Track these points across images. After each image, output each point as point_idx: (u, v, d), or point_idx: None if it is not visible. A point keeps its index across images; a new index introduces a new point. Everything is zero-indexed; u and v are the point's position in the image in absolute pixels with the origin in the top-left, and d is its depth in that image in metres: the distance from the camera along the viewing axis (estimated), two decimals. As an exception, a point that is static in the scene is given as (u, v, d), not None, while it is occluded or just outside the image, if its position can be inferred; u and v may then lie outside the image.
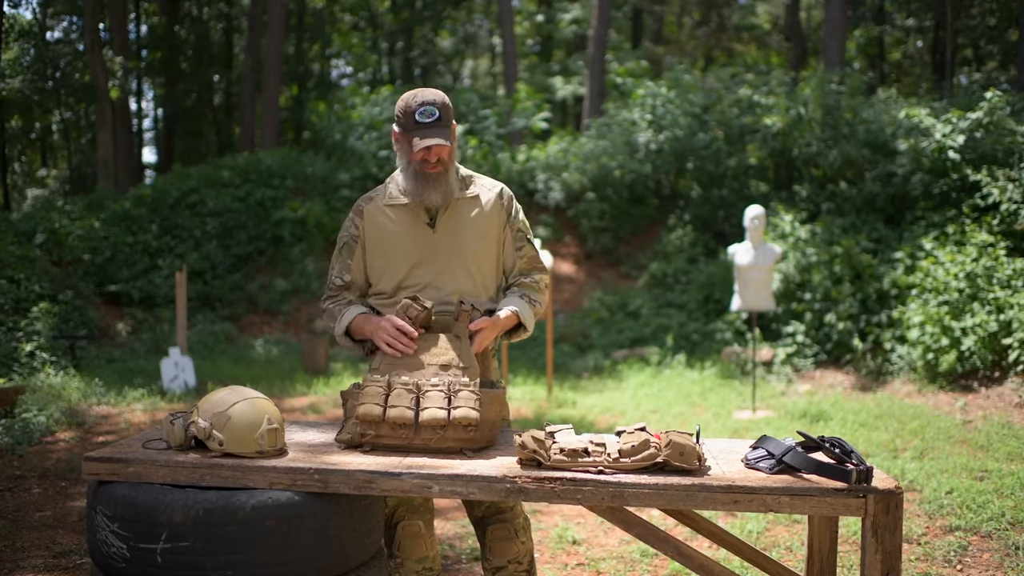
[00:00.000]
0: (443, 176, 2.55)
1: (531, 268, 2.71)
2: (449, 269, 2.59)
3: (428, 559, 2.61)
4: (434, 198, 2.54)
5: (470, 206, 2.63)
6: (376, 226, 2.64)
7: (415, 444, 2.32)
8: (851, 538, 3.92)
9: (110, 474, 2.25)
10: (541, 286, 2.70)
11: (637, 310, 11.09)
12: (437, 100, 2.52)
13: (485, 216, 2.63)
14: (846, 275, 9.21)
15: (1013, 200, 8.58)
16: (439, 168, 2.53)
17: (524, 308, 2.61)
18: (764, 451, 2.24)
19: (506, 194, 2.69)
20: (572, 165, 13.63)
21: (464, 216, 2.62)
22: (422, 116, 2.50)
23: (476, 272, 2.62)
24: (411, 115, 2.51)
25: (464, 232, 2.61)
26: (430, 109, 2.51)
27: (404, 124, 2.54)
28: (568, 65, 22.20)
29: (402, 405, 2.30)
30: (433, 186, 2.54)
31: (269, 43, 17.06)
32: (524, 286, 2.67)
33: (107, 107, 14.89)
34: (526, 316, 2.60)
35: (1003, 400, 6.94)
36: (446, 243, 2.59)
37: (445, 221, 2.61)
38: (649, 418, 6.85)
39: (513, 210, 2.68)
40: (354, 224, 2.67)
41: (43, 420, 6.14)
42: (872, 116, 11.05)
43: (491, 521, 2.64)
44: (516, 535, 2.64)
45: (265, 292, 12.17)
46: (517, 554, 2.64)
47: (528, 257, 2.70)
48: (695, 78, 14.23)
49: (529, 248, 2.70)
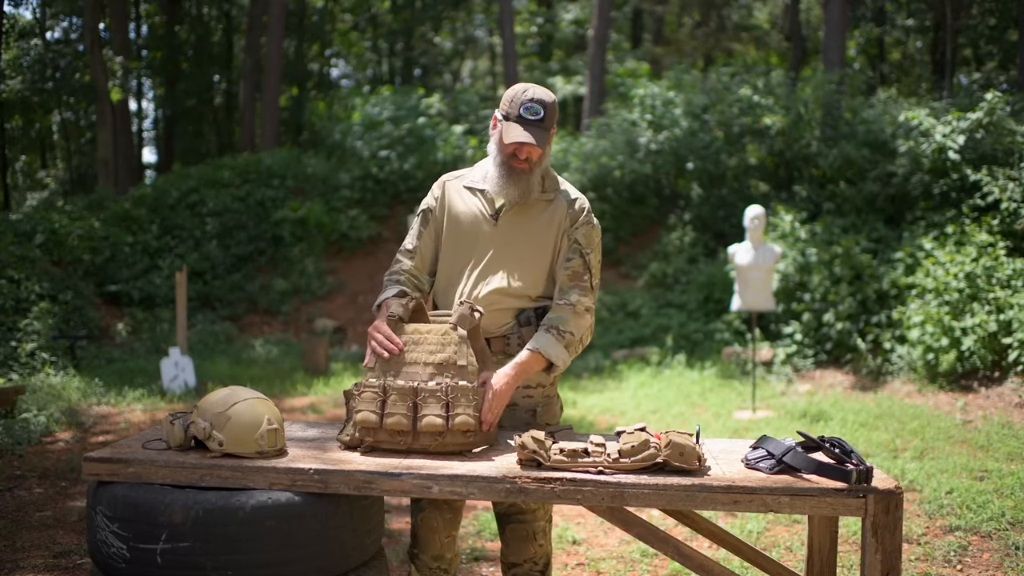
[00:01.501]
0: (527, 175, 2.52)
1: (572, 284, 2.54)
2: (495, 265, 2.56)
3: (444, 559, 2.59)
4: (512, 194, 2.52)
5: (539, 209, 2.59)
6: (451, 203, 2.64)
7: (414, 448, 2.31)
8: (851, 538, 3.92)
9: (110, 474, 2.25)
10: (578, 309, 2.50)
11: (637, 310, 11.09)
12: (546, 100, 2.49)
13: (548, 222, 2.58)
14: (846, 275, 9.21)
15: (1013, 200, 8.58)
16: (526, 166, 2.51)
17: (547, 343, 2.46)
18: (764, 451, 2.24)
19: (579, 204, 2.60)
20: (572, 165, 13.63)
21: (528, 217, 2.58)
22: (527, 112, 2.46)
23: (524, 274, 2.56)
24: (516, 107, 2.48)
25: (522, 233, 2.57)
26: (536, 107, 2.47)
27: (507, 113, 2.50)
28: (568, 65, 22.20)
29: (399, 413, 2.28)
30: (515, 182, 2.51)
31: (269, 43, 17.06)
32: (557, 310, 2.52)
33: (107, 107, 14.89)
34: (550, 351, 2.45)
35: (1003, 400, 6.94)
36: (501, 239, 2.57)
37: (508, 218, 2.58)
38: (649, 418, 6.85)
39: (580, 221, 2.58)
40: (434, 196, 2.68)
41: (43, 420, 6.14)
42: (872, 116, 11.05)
43: (512, 519, 2.61)
44: (534, 537, 2.61)
45: (265, 292, 12.17)
46: (534, 555, 2.63)
47: (572, 271, 2.55)
48: (695, 78, 14.23)
49: (577, 262, 2.55)
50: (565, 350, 2.47)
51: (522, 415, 2.63)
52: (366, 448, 2.34)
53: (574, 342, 2.49)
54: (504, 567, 2.68)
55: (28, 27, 19.00)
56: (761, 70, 15.00)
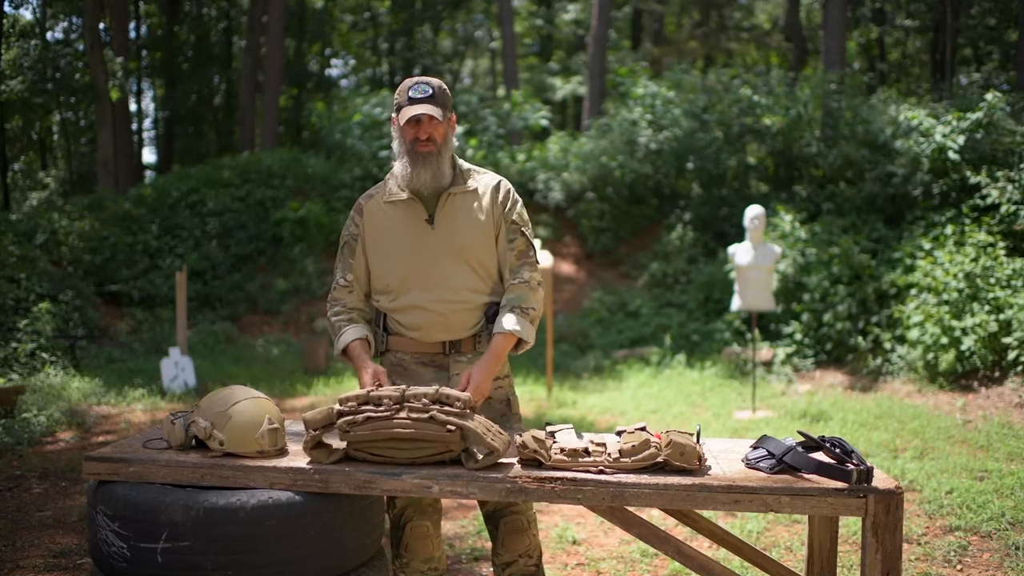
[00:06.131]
0: (434, 157, 2.54)
1: (521, 263, 2.62)
2: (451, 265, 2.58)
3: (434, 559, 2.60)
4: (424, 177, 2.53)
5: (468, 200, 2.62)
6: (376, 224, 2.63)
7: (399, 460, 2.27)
8: (851, 538, 3.92)
9: (110, 474, 2.25)
10: (532, 285, 2.60)
11: (637, 310, 11.09)
12: (433, 81, 2.55)
13: (482, 209, 2.61)
14: (845, 275, 9.21)
15: (1012, 200, 8.58)
16: (430, 147, 2.53)
17: (515, 322, 2.54)
18: (764, 451, 2.24)
19: (503, 187, 2.66)
20: (572, 165, 13.63)
21: (462, 210, 2.61)
22: (415, 92, 2.53)
23: (478, 266, 2.61)
24: (405, 92, 2.55)
25: (462, 227, 2.59)
26: (423, 86, 2.53)
27: (399, 104, 2.57)
28: (568, 65, 22.20)
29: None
30: (424, 165, 2.53)
31: (269, 43, 17.05)
32: (513, 290, 2.59)
33: (107, 107, 14.86)
34: (521, 329, 2.54)
35: (1003, 400, 6.94)
36: (445, 239, 2.58)
37: (443, 216, 2.59)
38: (649, 418, 6.85)
39: (509, 202, 2.64)
40: (354, 223, 2.68)
41: (43, 420, 6.14)
42: (872, 116, 11.05)
43: (504, 513, 2.62)
44: (528, 527, 2.64)
45: (265, 292, 12.16)
46: (528, 547, 2.64)
47: (518, 251, 2.62)
48: (695, 78, 14.23)
49: (520, 241, 2.63)
50: (531, 325, 2.58)
51: (497, 406, 2.68)
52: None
53: (536, 317, 2.60)
54: (498, 569, 2.67)
55: (28, 27, 18.98)
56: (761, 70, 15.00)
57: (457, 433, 2.20)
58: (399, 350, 2.66)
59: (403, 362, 2.66)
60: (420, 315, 2.59)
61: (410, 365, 2.66)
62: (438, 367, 2.65)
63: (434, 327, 2.59)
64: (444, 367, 2.64)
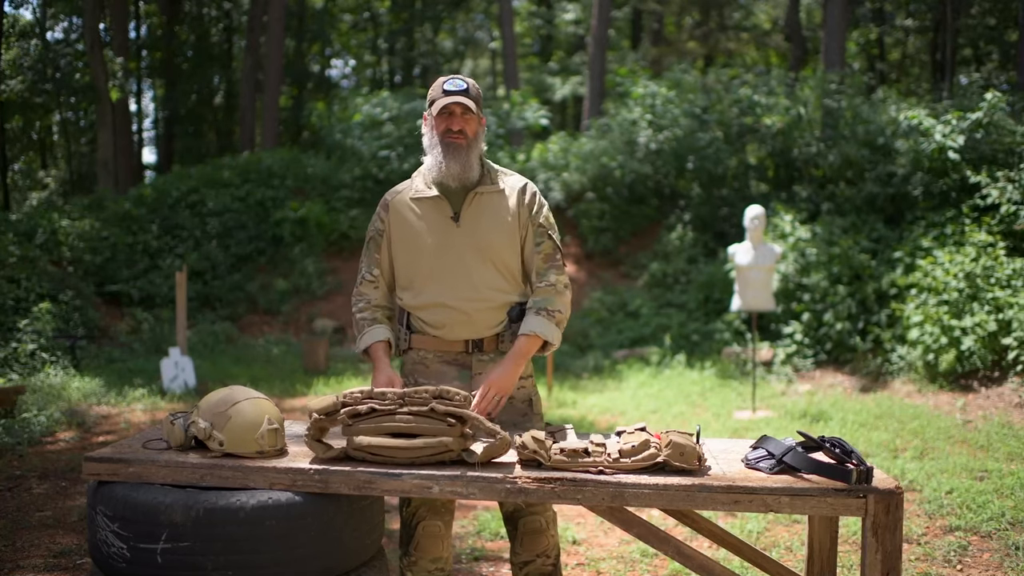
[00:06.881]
0: (464, 149, 2.56)
1: (548, 266, 2.64)
2: (475, 263, 2.58)
3: (442, 559, 2.60)
4: (453, 168, 2.55)
5: (495, 200, 2.63)
6: (401, 220, 2.65)
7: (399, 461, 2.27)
8: (851, 538, 3.92)
9: (110, 474, 2.25)
10: (559, 288, 2.62)
11: (637, 310, 11.09)
12: (468, 79, 2.59)
13: (508, 210, 2.62)
14: (845, 275, 9.21)
15: (1012, 200, 8.58)
16: (461, 139, 2.56)
17: (541, 324, 2.56)
18: (764, 451, 2.24)
19: (529, 189, 2.68)
20: (572, 165, 13.63)
21: (488, 210, 2.62)
22: (450, 85, 2.56)
23: (501, 266, 2.61)
24: (440, 86, 2.58)
25: (487, 226, 2.60)
26: (459, 82, 2.57)
27: (432, 96, 2.59)
28: (568, 65, 22.19)
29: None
30: (454, 156, 2.55)
31: (269, 43, 17.05)
32: (540, 292, 2.61)
33: (107, 107, 14.87)
34: (546, 332, 2.56)
35: (1003, 400, 6.94)
36: (470, 237, 2.59)
37: (469, 215, 2.60)
38: (649, 418, 6.85)
39: (536, 205, 2.66)
40: (380, 218, 2.69)
41: (43, 420, 6.14)
42: (872, 116, 11.05)
43: (523, 514, 2.63)
44: (547, 527, 2.64)
45: (265, 292, 12.16)
46: (547, 547, 2.65)
47: (545, 254, 2.64)
48: (695, 78, 14.23)
49: (547, 244, 2.65)
50: (557, 328, 2.59)
51: (519, 406, 2.68)
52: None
53: (563, 320, 2.62)
54: (515, 568, 2.67)
55: (28, 27, 18.98)
56: (761, 70, 15.00)
57: (457, 429, 2.20)
58: (422, 348, 2.67)
59: (425, 360, 2.67)
60: (443, 312, 2.60)
61: (432, 364, 2.66)
62: (461, 366, 2.65)
63: (457, 325, 2.60)
64: (467, 366, 2.65)
